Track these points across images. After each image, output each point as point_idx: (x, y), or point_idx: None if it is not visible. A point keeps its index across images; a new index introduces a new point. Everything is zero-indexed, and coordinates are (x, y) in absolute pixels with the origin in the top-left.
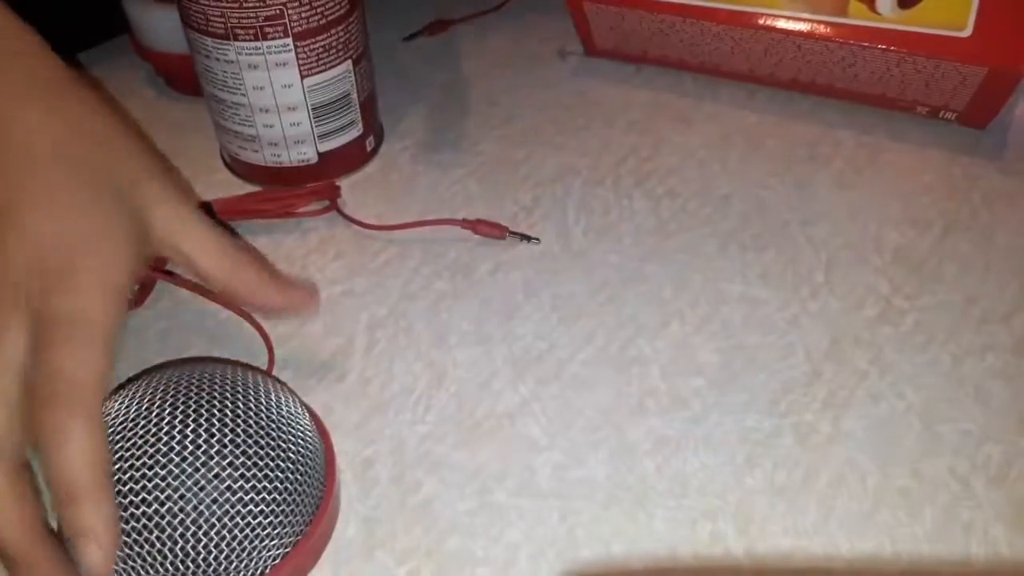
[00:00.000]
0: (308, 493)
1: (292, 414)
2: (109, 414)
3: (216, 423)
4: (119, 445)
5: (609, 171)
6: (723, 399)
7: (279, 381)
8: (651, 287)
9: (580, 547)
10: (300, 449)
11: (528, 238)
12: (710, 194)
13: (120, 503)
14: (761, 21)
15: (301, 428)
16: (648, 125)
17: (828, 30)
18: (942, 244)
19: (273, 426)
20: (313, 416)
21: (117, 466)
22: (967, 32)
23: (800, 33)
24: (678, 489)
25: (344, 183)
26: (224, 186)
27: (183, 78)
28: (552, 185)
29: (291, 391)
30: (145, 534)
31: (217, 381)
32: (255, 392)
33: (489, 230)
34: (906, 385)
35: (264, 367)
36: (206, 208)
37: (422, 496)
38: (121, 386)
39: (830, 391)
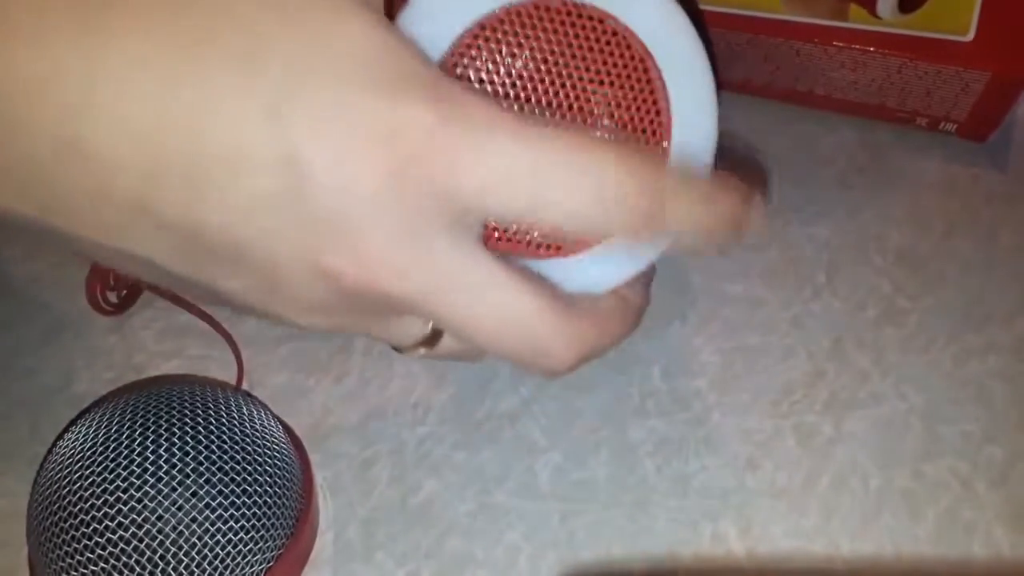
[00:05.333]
0: (287, 506)
1: (265, 427)
2: (77, 439)
3: (189, 440)
4: (90, 470)
5: None
6: (724, 400)
7: (249, 395)
8: (651, 287)
9: (581, 549)
10: (276, 462)
11: None
12: None
13: (96, 529)
14: (758, 25)
15: (275, 441)
16: None
17: (827, 34)
18: (944, 244)
19: (247, 440)
20: (286, 428)
21: (90, 492)
22: (969, 36)
23: (798, 37)
24: (679, 490)
25: None
26: None
27: None
28: None
29: (262, 404)
30: (124, 559)
31: (186, 399)
32: (226, 407)
33: None
34: (908, 386)
35: (255, 381)
36: None
37: (422, 497)
38: (86, 410)
39: (832, 392)
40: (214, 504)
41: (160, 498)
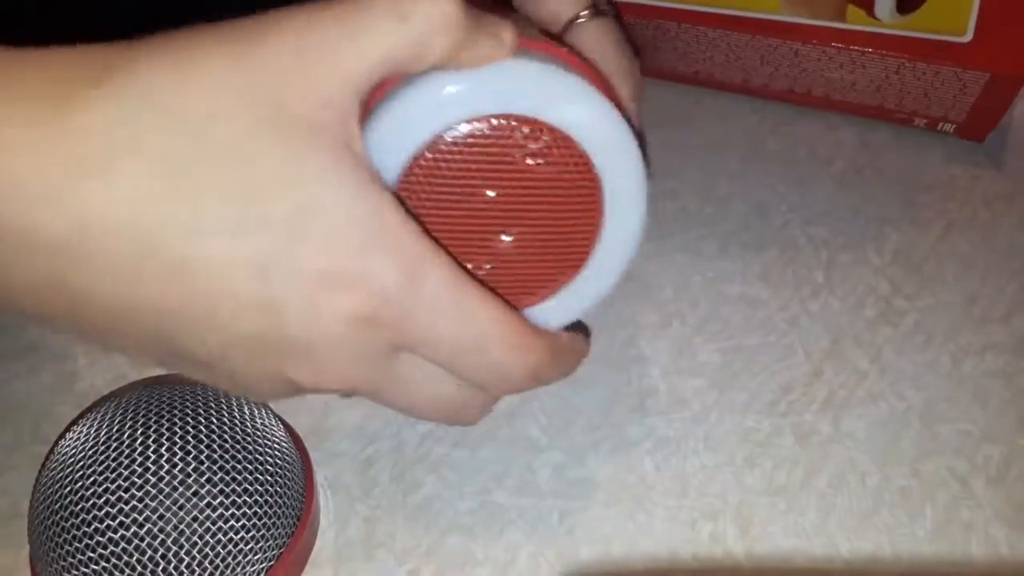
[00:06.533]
0: (288, 505)
1: (266, 426)
2: (78, 438)
3: (191, 440)
4: (92, 469)
5: None
6: (723, 399)
7: None
8: (651, 287)
9: (580, 547)
10: (277, 461)
11: None
12: (710, 194)
13: (97, 528)
14: (757, 26)
15: (276, 440)
16: (648, 125)
17: (826, 35)
18: (942, 244)
19: (248, 439)
20: (287, 427)
21: (92, 491)
22: (967, 37)
23: (797, 38)
24: (678, 489)
25: None
26: None
27: None
28: None
29: (262, 404)
30: (125, 558)
31: (187, 398)
32: (227, 406)
33: None
34: (906, 385)
35: None
36: None
37: (422, 496)
38: (88, 409)
39: (830, 391)
40: (215, 503)
41: (161, 497)
